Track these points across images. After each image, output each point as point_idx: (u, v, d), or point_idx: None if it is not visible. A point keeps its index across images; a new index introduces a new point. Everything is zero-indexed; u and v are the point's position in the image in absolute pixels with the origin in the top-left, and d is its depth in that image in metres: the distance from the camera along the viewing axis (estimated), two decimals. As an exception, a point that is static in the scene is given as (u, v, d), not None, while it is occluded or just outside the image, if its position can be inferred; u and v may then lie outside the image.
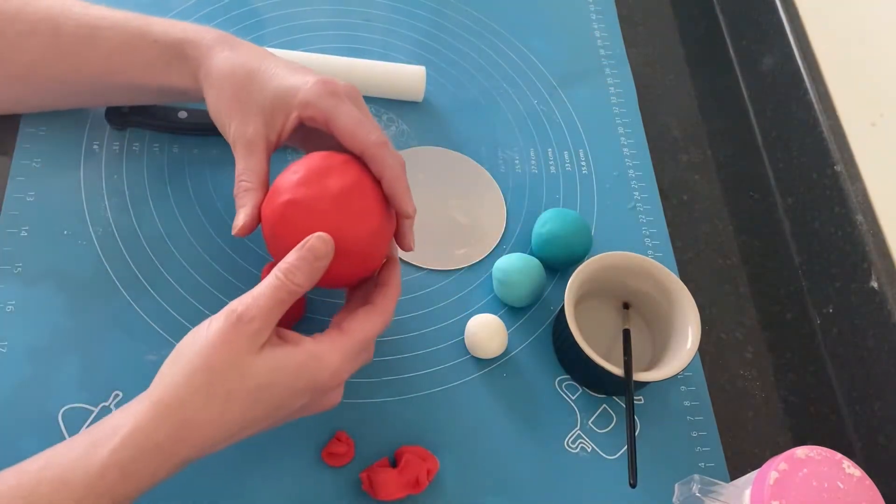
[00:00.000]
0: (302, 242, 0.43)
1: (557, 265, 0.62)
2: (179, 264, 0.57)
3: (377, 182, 0.47)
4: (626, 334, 0.57)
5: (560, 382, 0.58)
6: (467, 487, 0.53)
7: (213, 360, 0.40)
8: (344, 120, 0.47)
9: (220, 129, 0.51)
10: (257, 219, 0.48)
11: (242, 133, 0.49)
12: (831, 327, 0.62)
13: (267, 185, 0.49)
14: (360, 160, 0.47)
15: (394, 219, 0.49)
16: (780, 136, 0.71)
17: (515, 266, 0.58)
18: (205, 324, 0.42)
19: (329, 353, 0.43)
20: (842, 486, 0.44)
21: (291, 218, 0.45)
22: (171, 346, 0.42)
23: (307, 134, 0.51)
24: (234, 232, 0.48)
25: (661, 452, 0.57)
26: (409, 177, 0.48)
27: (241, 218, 0.47)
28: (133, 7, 0.68)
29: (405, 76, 0.68)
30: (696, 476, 0.51)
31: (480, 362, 0.58)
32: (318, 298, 0.58)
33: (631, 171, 0.70)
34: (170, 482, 0.49)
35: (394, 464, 0.52)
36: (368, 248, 0.46)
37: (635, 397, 0.58)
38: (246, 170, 0.48)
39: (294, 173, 0.46)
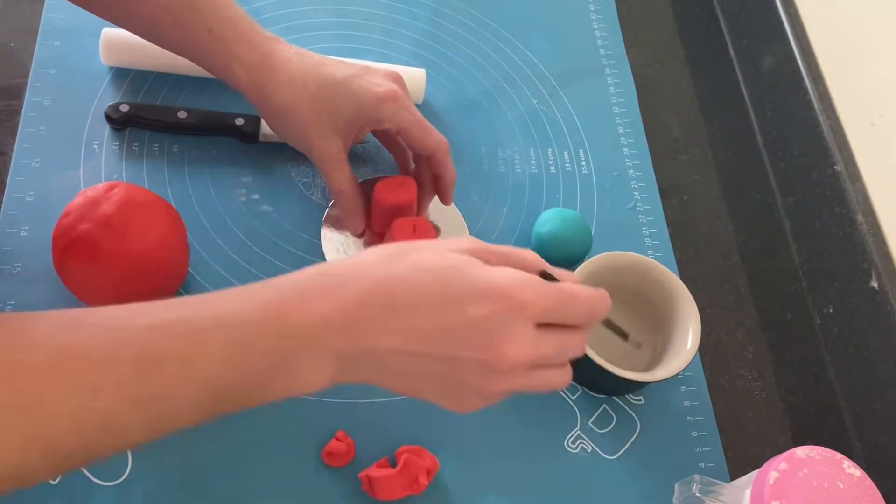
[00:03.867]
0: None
1: (557, 265, 0.61)
2: (179, 264, 0.57)
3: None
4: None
5: (560, 382, 0.58)
6: (467, 487, 0.53)
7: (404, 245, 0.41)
8: (413, 130, 0.56)
9: (291, 142, 0.58)
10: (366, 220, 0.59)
11: (327, 150, 0.55)
12: (831, 327, 0.62)
13: (357, 188, 0.58)
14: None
15: None
16: (780, 136, 0.71)
17: (515, 266, 0.58)
18: None
19: (510, 272, 0.40)
20: (842, 486, 0.44)
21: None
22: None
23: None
24: (356, 234, 0.59)
25: (661, 452, 0.56)
26: None
27: (360, 225, 0.59)
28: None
29: (405, 79, 0.68)
30: (696, 476, 0.51)
31: (480, 362, 0.58)
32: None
33: (631, 171, 0.70)
34: (169, 482, 0.49)
35: (394, 464, 0.52)
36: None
37: (635, 397, 0.58)
38: (343, 182, 0.56)
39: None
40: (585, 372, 0.57)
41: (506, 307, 0.38)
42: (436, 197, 0.60)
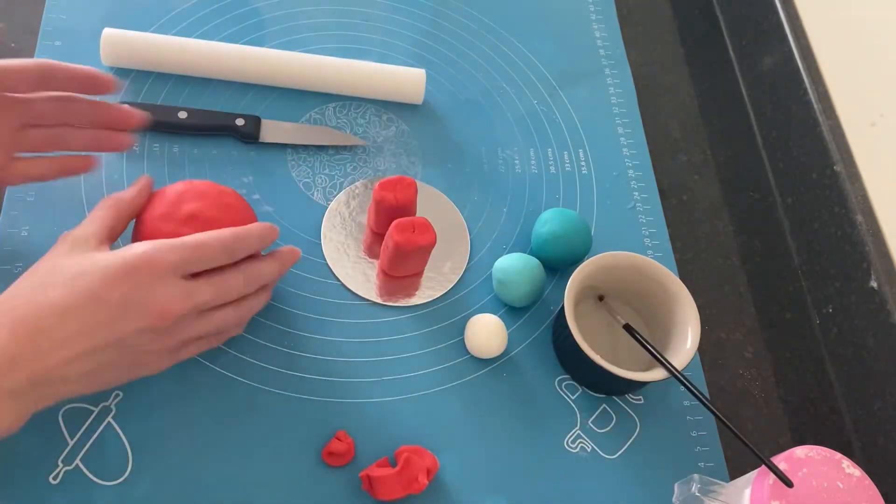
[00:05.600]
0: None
1: (557, 265, 0.62)
2: (179, 264, 0.57)
3: None
4: (629, 329, 0.57)
5: (560, 382, 0.58)
6: (467, 487, 0.53)
7: (38, 264, 0.44)
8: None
9: None
10: None
11: None
12: (831, 327, 0.62)
13: None
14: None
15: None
16: (780, 136, 0.71)
17: (515, 266, 0.58)
18: None
19: (139, 244, 0.44)
20: (841, 485, 0.44)
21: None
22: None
23: None
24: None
25: (661, 452, 0.57)
26: None
27: None
28: (135, 7, 0.69)
29: (405, 79, 0.68)
30: (696, 476, 0.51)
31: (480, 362, 0.58)
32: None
33: (631, 171, 0.70)
34: (169, 482, 0.49)
35: (394, 463, 0.52)
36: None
37: (635, 397, 0.58)
38: None
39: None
40: (585, 372, 0.57)
41: (140, 276, 0.42)
42: (435, 197, 0.60)
